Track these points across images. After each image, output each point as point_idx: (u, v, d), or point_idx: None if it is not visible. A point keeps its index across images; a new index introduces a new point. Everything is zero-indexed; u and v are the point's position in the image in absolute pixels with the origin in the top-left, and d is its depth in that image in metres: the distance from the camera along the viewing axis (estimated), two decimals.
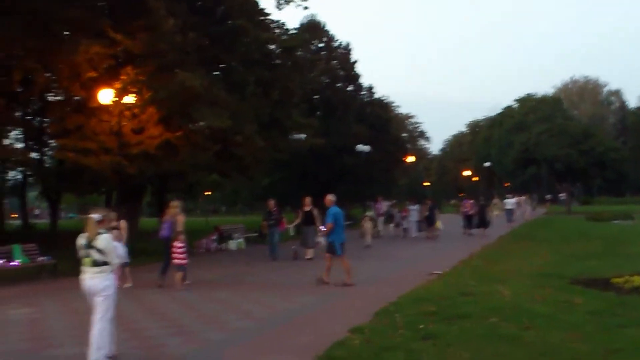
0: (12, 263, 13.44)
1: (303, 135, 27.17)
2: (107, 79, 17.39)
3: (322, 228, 13.10)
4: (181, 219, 12.23)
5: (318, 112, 36.22)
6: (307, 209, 17.10)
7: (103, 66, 17.86)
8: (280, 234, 18.28)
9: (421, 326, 7.33)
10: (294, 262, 16.34)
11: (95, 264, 6.17)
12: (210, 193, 58.23)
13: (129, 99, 17.59)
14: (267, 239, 18.07)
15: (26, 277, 13.76)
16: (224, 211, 74.90)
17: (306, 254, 16.84)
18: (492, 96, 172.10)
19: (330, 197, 12.29)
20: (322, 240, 16.66)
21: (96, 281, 6.18)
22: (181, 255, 11.91)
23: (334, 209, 11.87)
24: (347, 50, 40.80)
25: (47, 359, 6.72)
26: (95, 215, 6.30)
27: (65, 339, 7.64)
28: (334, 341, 6.76)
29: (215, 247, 20.95)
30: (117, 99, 17.14)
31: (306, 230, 17.32)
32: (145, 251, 17.18)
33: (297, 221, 18.68)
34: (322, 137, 29.03)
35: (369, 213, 23.95)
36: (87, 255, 6.21)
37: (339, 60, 40.37)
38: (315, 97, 37.73)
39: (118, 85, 17.33)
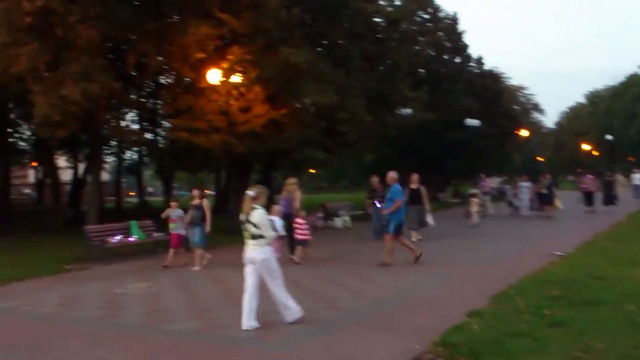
0: (129, 239, 14.13)
1: (410, 110, 26.42)
2: (214, 60, 17.73)
3: (378, 204, 12.68)
4: (298, 196, 12.66)
5: (424, 86, 35.16)
6: (413, 186, 16.09)
7: (211, 47, 18.27)
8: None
9: (547, 312, 6.73)
10: None
11: (253, 237, 6.74)
12: (314, 171, 58.80)
13: (236, 78, 17.88)
14: (371, 217, 17.62)
15: (143, 252, 14.40)
16: (326, 188, 75.51)
17: (412, 235, 15.51)
18: (611, 65, 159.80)
19: (392, 174, 11.90)
20: (430, 220, 15.98)
21: (254, 253, 6.75)
22: (304, 231, 12.12)
23: (397, 187, 11.59)
24: (453, 20, 39.31)
25: (165, 332, 6.83)
26: (250, 192, 6.83)
27: (181, 313, 7.79)
28: (451, 325, 6.36)
29: (322, 224, 21.00)
30: (224, 78, 17.49)
31: (412, 210, 15.31)
32: None
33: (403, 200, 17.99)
34: (429, 112, 28.10)
35: (474, 190, 22.76)
36: (246, 229, 6.78)
37: (445, 32, 39.00)
38: (420, 70, 36.66)
39: (225, 65, 17.62)
